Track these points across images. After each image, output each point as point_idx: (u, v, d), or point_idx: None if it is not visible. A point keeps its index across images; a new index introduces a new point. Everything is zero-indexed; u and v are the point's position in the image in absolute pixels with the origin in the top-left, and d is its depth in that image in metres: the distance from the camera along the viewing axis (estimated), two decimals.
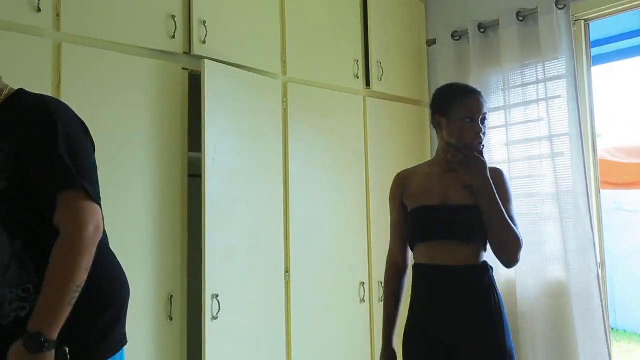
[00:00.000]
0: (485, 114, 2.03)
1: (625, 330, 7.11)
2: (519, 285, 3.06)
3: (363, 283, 3.24)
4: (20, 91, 1.55)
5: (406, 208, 2.12)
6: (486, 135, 2.03)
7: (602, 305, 2.84)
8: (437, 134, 2.11)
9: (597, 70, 3.97)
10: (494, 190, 1.95)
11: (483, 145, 2.02)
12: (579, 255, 2.91)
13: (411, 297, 2.08)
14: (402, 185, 2.14)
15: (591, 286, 2.86)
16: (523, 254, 3.00)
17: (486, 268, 2.01)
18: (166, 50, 2.62)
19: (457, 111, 2.01)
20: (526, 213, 3.10)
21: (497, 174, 2.04)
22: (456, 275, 1.96)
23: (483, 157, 2.00)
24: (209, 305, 2.49)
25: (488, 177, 1.96)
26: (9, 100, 1.52)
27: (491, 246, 1.98)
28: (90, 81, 2.39)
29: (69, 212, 1.39)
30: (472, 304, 1.94)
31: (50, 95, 2.27)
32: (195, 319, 2.57)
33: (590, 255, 2.87)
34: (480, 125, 2.00)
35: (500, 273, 3.18)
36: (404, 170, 2.22)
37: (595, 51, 3.54)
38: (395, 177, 2.20)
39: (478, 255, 2.00)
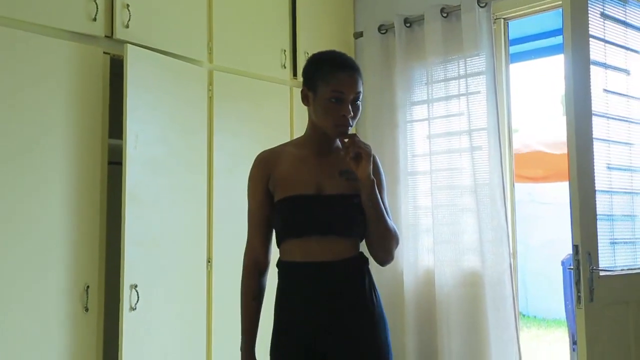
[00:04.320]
0: (359, 93, 1.79)
1: (535, 317, 7.49)
2: (437, 275, 3.16)
3: None
4: None
5: (271, 196, 1.86)
6: (357, 117, 1.81)
7: (512, 294, 2.98)
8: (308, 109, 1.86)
9: (515, 68, 4.13)
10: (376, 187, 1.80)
11: (351, 126, 1.79)
12: (493, 246, 3.02)
13: (277, 300, 1.85)
14: (268, 168, 1.86)
15: (504, 275, 2.99)
16: (443, 244, 3.17)
17: (364, 260, 1.86)
18: (86, 33, 2.52)
19: (323, 89, 1.76)
20: (446, 205, 3.20)
21: (373, 160, 1.82)
22: (335, 272, 1.78)
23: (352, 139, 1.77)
24: (127, 295, 2.44)
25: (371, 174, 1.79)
26: None
27: (371, 245, 1.85)
28: (3, 63, 2.28)
29: None
30: (352, 303, 1.79)
31: None
32: (113, 310, 2.51)
33: (504, 246, 2.99)
34: (350, 107, 1.76)
35: (420, 265, 3.29)
36: (267, 151, 1.92)
37: (513, 49, 3.68)
38: (258, 157, 1.91)
39: (355, 247, 1.84)
